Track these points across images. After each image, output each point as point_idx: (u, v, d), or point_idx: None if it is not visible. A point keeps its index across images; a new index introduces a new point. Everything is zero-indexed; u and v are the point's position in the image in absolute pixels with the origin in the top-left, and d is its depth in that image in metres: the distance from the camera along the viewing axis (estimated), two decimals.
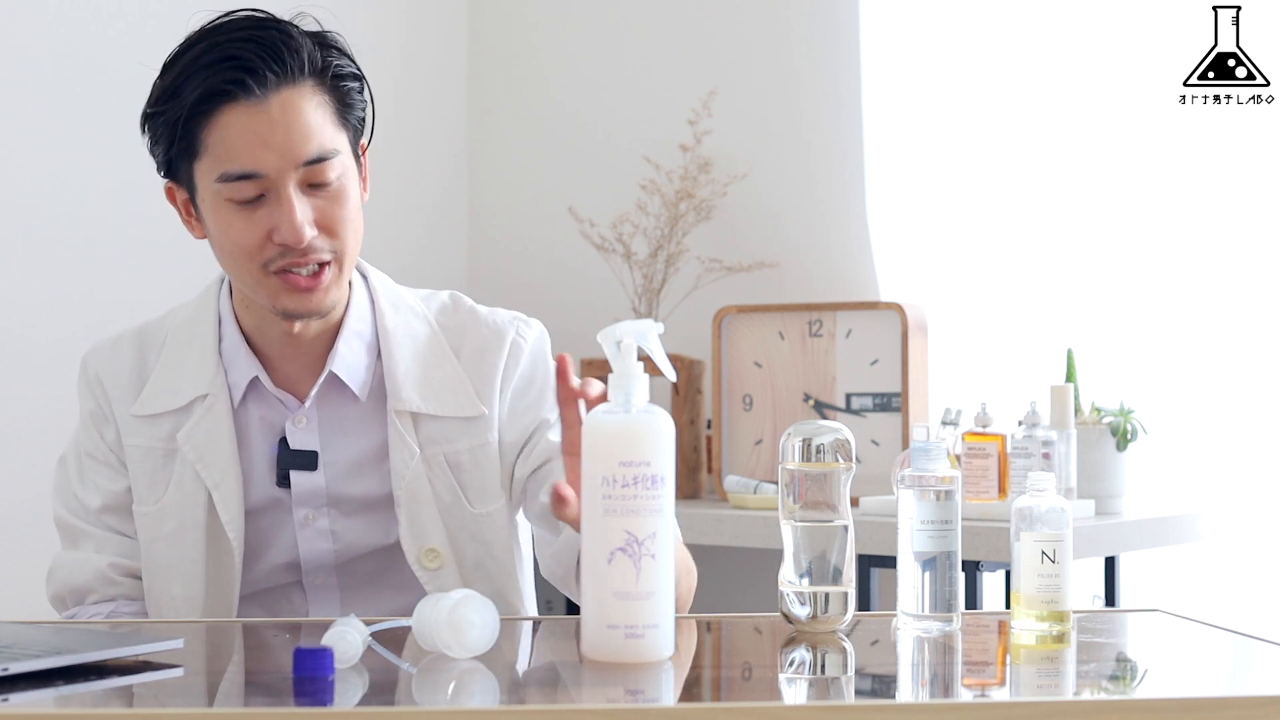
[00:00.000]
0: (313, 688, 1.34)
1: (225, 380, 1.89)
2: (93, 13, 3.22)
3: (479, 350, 1.93)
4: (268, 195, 1.77)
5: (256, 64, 1.74)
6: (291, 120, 1.76)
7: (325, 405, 1.90)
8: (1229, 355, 3.14)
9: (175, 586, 1.89)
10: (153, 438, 1.90)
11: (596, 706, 1.33)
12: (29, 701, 1.32)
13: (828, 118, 3.51)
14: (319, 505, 1.90)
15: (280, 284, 1.80)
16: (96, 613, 1.91)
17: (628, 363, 1.50)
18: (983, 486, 2.87)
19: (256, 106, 1.75)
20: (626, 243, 3.56)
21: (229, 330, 1.90)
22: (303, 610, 1.94)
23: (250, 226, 1.78)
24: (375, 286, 1.94)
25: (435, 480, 1.89)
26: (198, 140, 1.77)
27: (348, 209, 1.81)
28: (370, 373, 1.90)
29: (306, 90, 1.77)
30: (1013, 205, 3.33)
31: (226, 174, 1.76)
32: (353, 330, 1.89)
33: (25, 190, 3.13)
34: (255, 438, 1.90)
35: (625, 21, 3.80)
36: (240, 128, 1.75)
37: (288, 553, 1.91)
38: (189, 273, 3.31)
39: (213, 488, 1.87)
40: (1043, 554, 1.63)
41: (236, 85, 1.74)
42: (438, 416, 1.89)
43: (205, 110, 1.75)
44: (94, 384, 1.94)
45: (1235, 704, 1.32)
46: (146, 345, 1.94)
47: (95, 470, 1.94)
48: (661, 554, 1.47)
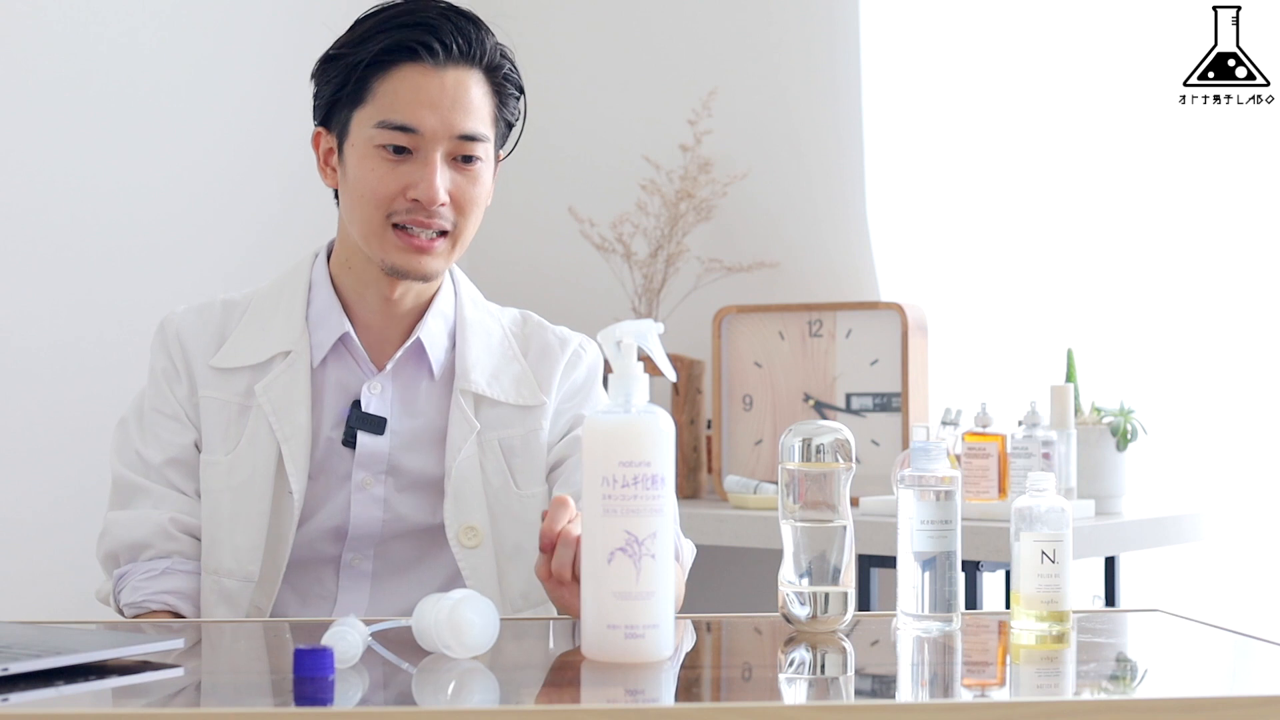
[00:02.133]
0: (313, 688, 1.34)
1: (309, 340, 1.98)
2: (93, 15, 3.23)
3: (543, 350, 2.06)
4: (416, 154, 1.91)
5: (446, 36, 1.90)
6: (459, 94, 1.91)
7: (401, 377, 2.00)
8: (1229, 355, 3.14)
9: (240, 537, 1.95)
10: (230, 391, 1.98)
11: (596, 706, 1.33)
12: (29, 701, 1.32)
13: (827, 118, 3.51)
14: (378, 471, 1.98)
15: (398, 240, 1.92)
16: (151, 569, 1.94)
17: (628, 363, 1.51)
18: (983, 486, 2.87)
19: (433, 71, 1.90)
20: (626, 243, 3.56)
21: (320, 293, 2.01)
22: (333, 595, 1.99)
23: (391, 177, 1.90)
24: (459, 282, 2.06)
25: (487, 464, 1.99)
26: (369, 87, 1.90)
27: (479, 193, 1.95)
28: (447, 356, 2.02)
29: (478, 76, 1.93)
30: (1012, 205, 3.33)
31: (388, 121, 1.90)
32: (439, 311, 2.02)
33: (24, 193, 3.13)
34: (329, 399, 1.99)
35: (625, 21, 3.80)
36: (413, 84, 1.90)
37: (338, 515, 1.97)
38: (190, 277, 3.32)
39: (283, 441, 1.95)
40: (1043, 554, 1.63)
41: (423, 47, 1.89)
42: (499, 402, 2.00)
43: (387, 61, 1.89)
44: (171, 342, 2.01)
45: (1235, 704, 1.32)
46: (230, 311, 2.04)
47: (161, 424, 2.00)
48: (661, 554, 1.47)
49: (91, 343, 3.18)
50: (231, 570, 1.94)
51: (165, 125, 3.32)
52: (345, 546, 1.98)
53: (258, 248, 3.44)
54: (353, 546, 1.98)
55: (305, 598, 1.98)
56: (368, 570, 1.99)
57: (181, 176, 3.35)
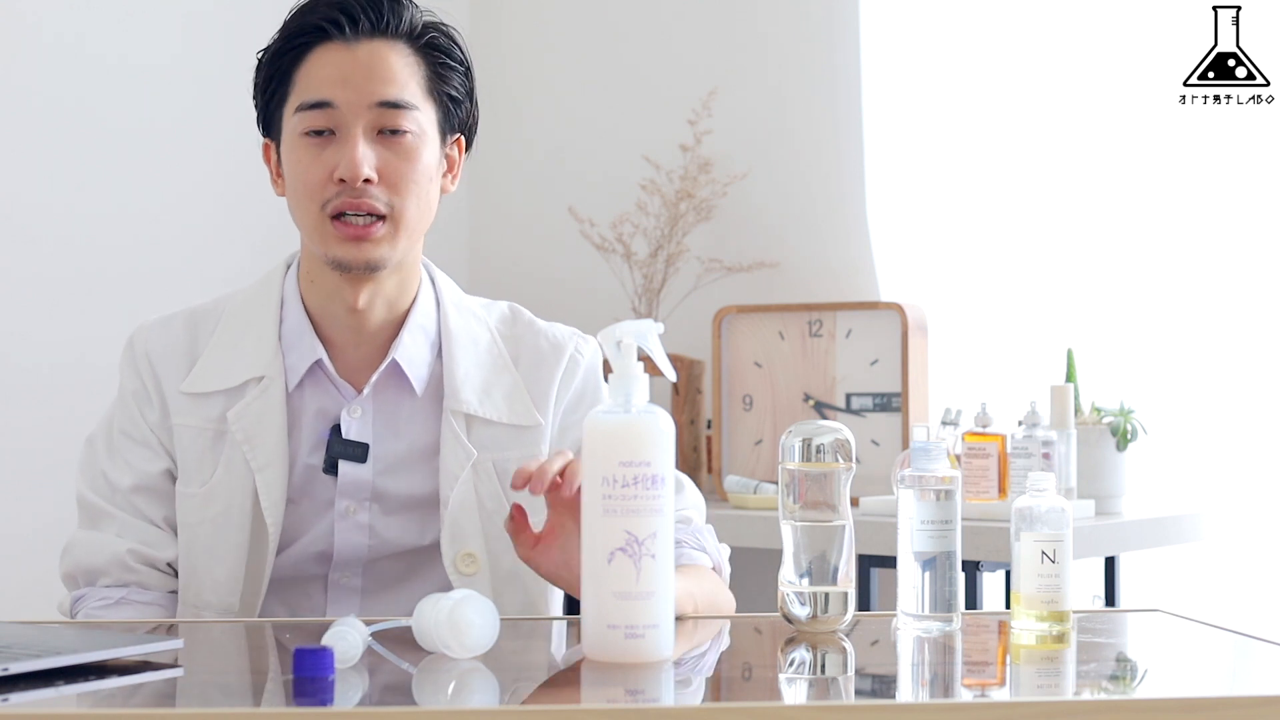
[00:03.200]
0: (313, 688, 1.34)
1: (283, 364, 1.89)
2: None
3: (537, 361, 1.95)
4: (338, 133, 1.82)
5: (354, 9, 1.83)
6: (374, 63, 1.83)
7: (381, 398, 1.90)
8: (1229, 355, 3.14)
9: (218, 570, 1.87)
10: (203, 418, 1.89)
11: (596, 706, 1.33)
12: (29, 701, 1.32)
13: (827, 118, 3.51)
14: (362, 499, 1.90)
15: (336, 230, 1.83)
16: (106, 597, 1.88)
17: (628, 363, 1.51)
18: (983, 486, 2.87)
19: (345, 47, 1.83)
20: (626, 243, 3.56)
21: (292, 312, 1.91)
22: (321, 609, 1.93)
23: (316, 163, 1.82)
24: (441, 288, 1.96)
25: (481, 487, 1.90)
26: (290, 79, 1.85)
27: (414, 169, 1.84)
28: (430, 370, 1.92)
29: (400, 47, 1.85)
30: (1012, 205, 3.33)
31: (304, 103, 1.83)
32: (417, 324, 1.91)
33: (25, 208, 3.14)
34: (307, 424, 1.89)
35: (626, 21, 3.80)
36: (325, 62, 1.83)
37: (322, 542, 1.90)
38: (193, 291, 3.32)
39: (257, 471, 1.86)
40: (1043, 554, 1.63)
41: (332, 25, 1.83)
42: (492, 421, 1.91)
43: (301, 46, 1.84)
44: (140, 361, 1.93)
45: (1235, 704, 1.32)
46: (199, 325, 1.94)
47: (129, 449, 1.92)
48: (662, 554, 1.47)
49: (93, 355, 3.17)
50: (211, 603, 1.87)
51: (169, 140, 3.32)
52: (331, 568, 1.92)
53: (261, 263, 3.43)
54: (339, 568, 1.92)
55: (294, 611, 1.92)
56: (357, 586, 1.92)
57: (185, 193, 3.35)
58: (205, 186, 3.38)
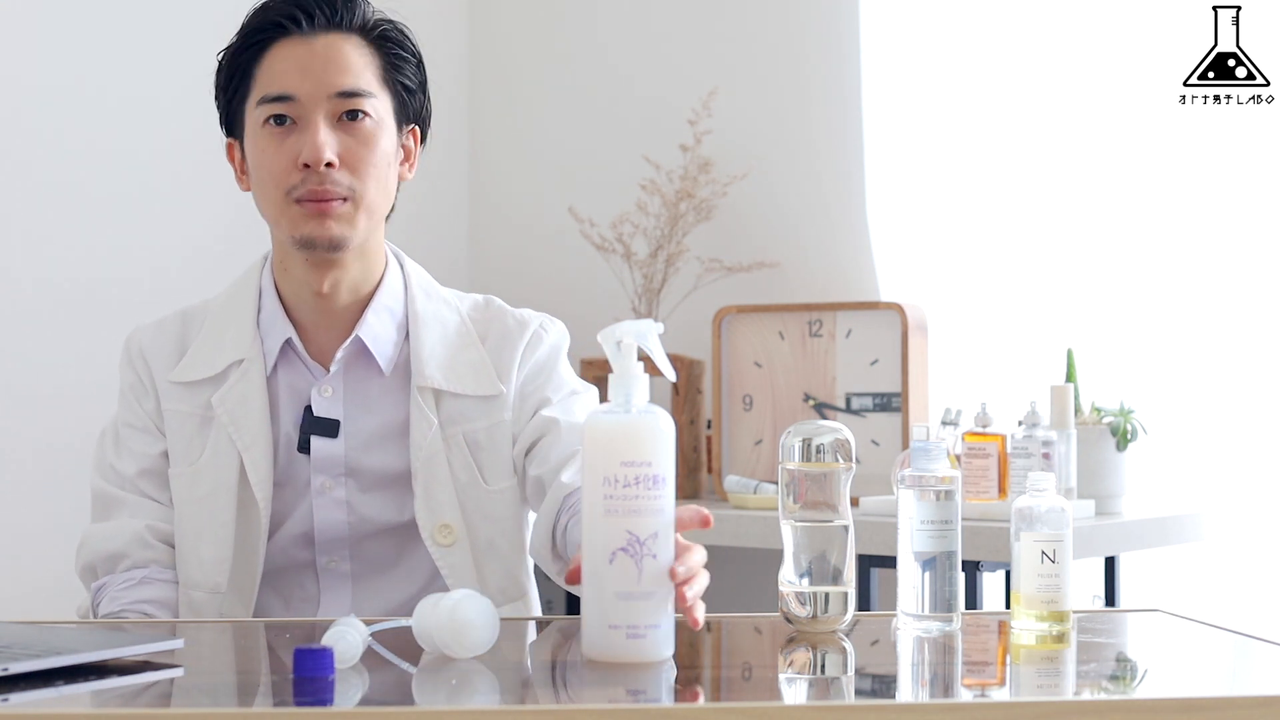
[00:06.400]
0: (313, 688, 1.34)
1: (261, 348, 1.97)
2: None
3: (502, 336, 2.02)
4: (300, 123, 1.90)
5: (310, 5, 1.91)
6: (331, 54, 1.91)
7: (351, 377, 1.98)
8: (1229, 355, 3.14)
9: (205, 549, 1.94)
10: (191, 404, 1.98)
11: (597, 706, 1.33)
12: (29, 701, 1.32)
13: (827, 118, 3.51)
14: (336, 474, 1.96)
15: (299, 211, 1.89)
16: (128, 579, 1.94)
17: (628, 363, 1.51)
18: (983, 486, 2.87)
19: (303, 41, 1.90)
20: (626, 243, 3.56)
21: (268, 300, 1.99)
22: (315, 598, 1.98)
23: (281, 151, 1.89)
24: (410, 274, 2.03)
25: (453, 458, 1.96)
26: (250, 75, 1.92)
27: (374, 154, 1.91)
28: (398, 350, 1.99)
29: (354, 40, 1.93)
30: (1012, 205, 3.33)
31: (266, 95, 1.90)
32: (383, 304, 1.99)
33: (28, 206, 3.14)
34: (285, 405, 1.98)
35: (626, 21, 3.80)
36: (284, 56, 1.90)
37: (304, 522, 1.97)
38: (198, 294, 3.32)
39: (243, 450, 1.94)
40: (1043, 554, 1.63)
41: (289, 20, 1.90)
42: (459, 395, 1.97)
43: (260, 43, 1.91)
44: (136, 358, 2.02)
45: (1235, 704, 1.32)
46: (189, 322, 2.04)
47: (132, 438, 2.01)
48: (663, 554, 1.47)
49: (99, 358, 3.17)
50: (198, 582, 1.94)
51: (171, 146, 3.32)
52: (317, 550, 1.97)
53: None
54: (324, 550, 1.97)
55: (289, 601, 1.99)
56: (346, 571, 1.98)
57: (187, 200, 3.35)
58: (207, 193, 3.38)
